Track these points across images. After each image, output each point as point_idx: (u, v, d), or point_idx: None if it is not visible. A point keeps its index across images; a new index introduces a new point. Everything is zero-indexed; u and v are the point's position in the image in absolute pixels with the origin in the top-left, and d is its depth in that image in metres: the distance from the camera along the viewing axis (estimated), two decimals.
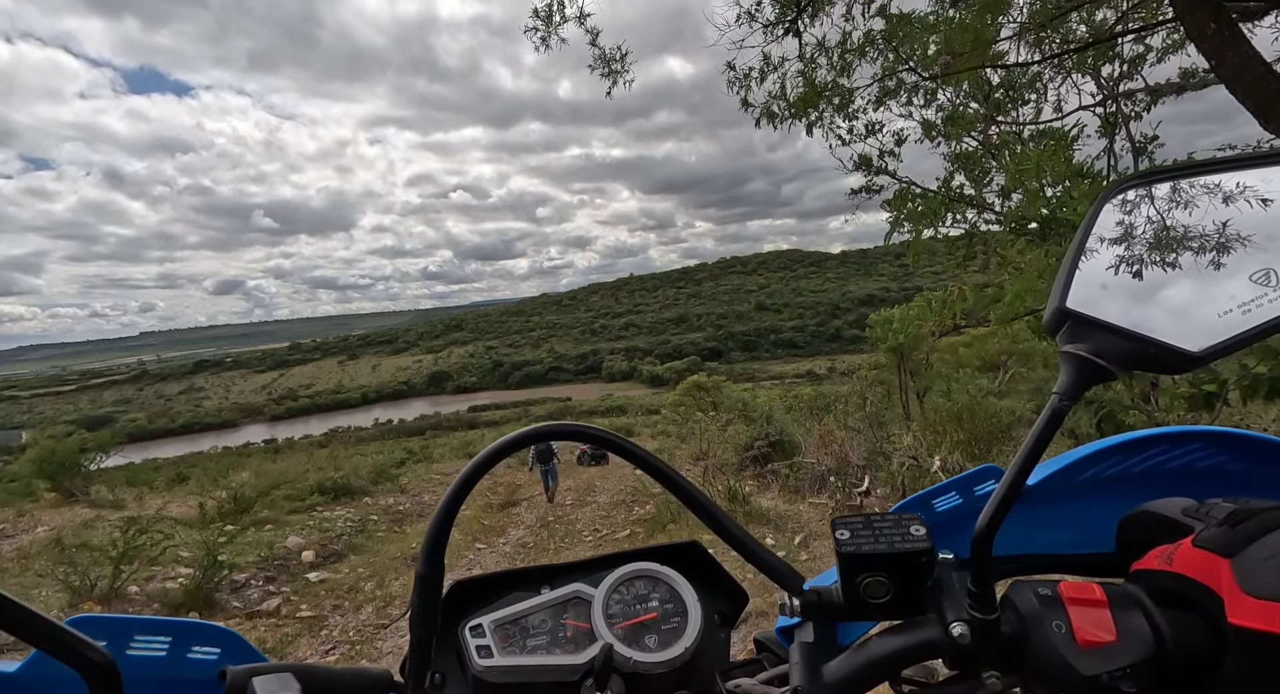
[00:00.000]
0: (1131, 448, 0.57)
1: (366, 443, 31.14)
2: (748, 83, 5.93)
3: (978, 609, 0.44)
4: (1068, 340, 0.43)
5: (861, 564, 0.46)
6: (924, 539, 0.46)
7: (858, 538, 0.47)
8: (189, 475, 15.18)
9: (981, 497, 0.59)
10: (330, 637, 4.68)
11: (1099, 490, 0.59)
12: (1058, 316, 0.44)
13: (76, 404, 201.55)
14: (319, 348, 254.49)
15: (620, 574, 0.64)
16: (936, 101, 7.37)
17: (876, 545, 0.46)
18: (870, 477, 6.61)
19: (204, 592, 5.11)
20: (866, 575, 0.46)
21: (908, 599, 0.47)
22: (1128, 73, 6.59)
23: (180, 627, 0.51)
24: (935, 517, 0.59)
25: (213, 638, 0.52)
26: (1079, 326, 0.43)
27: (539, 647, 0.60)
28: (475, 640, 0.59)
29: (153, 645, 0.50)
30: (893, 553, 0.46)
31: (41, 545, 6.44)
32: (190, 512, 8.18)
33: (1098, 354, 0.41)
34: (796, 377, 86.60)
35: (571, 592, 0.64)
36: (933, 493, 0.60)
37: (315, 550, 6.90)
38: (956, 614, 0.45)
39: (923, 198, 7.01)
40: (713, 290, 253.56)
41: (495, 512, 9.74)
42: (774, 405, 13.51)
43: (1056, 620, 0.42)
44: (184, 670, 0.51)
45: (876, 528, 0.47)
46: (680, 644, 0.59)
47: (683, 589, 0.64)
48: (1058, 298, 0.44)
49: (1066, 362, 0.43)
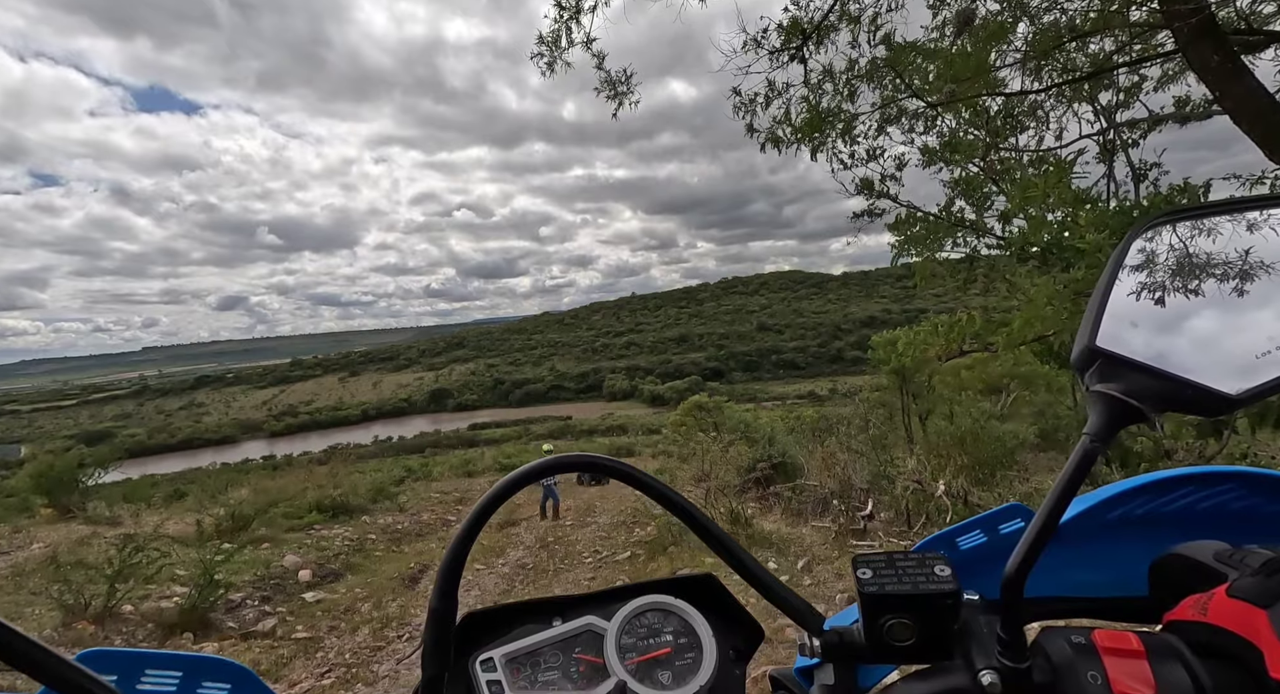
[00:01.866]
0: (1161, 487, 0.56)
1: (366, 460, 30.95)
2: (753, 108, 6.02)
3: (1008, 656, 0.42)
4: (1098, 380, 0.42)
5: (885, 605, 0.44)
6: (949, 580, 0.45)
7: (881, 577, 0.45)
8: (187, 492, 15.09)
9: (1007, 535, 0.58)
10: (326, 659, 4.61)
11: (1128, 531, 0.57)
12: (1087, 355, 0.42)
13: (77, 419, 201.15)
14: (320, 364, 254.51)
15: (633, 607, 0.63)
16: (937, 128, 7.49)
17: (900, 586, 0.44)
18: (874, 500, 6.55)
19: (199, 611, 5.05)
20: (890, 617, 0.44)
21: (933, 643, 0.45)
22: (1125, 101, 6.69)
23: (191, 662, 0.50)
24: (959, 555, 0.57)
25: (224, 674, 0.51)
26: (1110, 366, 0.42)
27: (550, 682, 0.59)
28: (486, 675, 0.58)
29: (163, 681, 0.49)
30: (917, 594, 0.44)
31: (37, 563, 6.38)
32: (187, 529, 8.12)
33: (1130, 394, 0.40)
34: (798, 397, 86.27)
35: (583, 625, 0.63)
36: (956, 531, 0.58)
37: (312, 570, 6.83)
38: (986, 661, 0.43)
39: (924, 222, 7.06)
40: (714, 310, 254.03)
41: (494, 531, 9.65)
42: (776, 426, 13.44)
43: (1092, 671, 0.40)
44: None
45: (900, 567, 0.46)
46: (695, 681, 0.58)
47: (697, 623, 0.62)
48: (1087, 336, 0.43)
49: (1097, 402, 0.41)
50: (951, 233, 7.08)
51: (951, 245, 7.19)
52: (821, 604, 4.41)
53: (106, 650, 0.47)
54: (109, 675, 0.46)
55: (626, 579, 2.35)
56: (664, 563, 6.34)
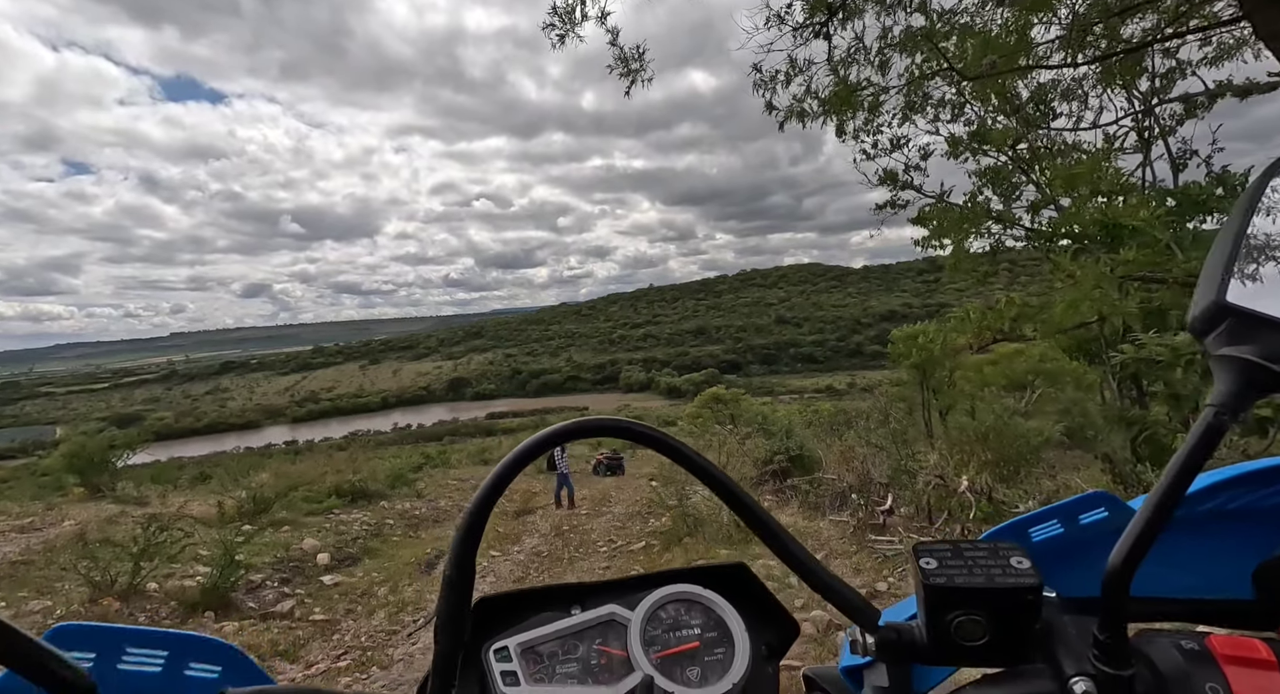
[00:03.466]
0: (1262, 479, 0.50)
1: (385, 447, 31.43)
2: (773, 86, 5.86)
3: (1107, 663, 0.37)
4: (1226, 342, 0.36)
5: (954, 599, 0.40)
6: (1030, 573, 0.40)
7: (947, 568, 0.41)
8: (211, 475, 15.44)
9: (1088, 526, 0.52)
10: (342, 641, 4.66)
11: (1222, 526, 0.51)
12: (1213, 313, 0.37)
13: (109, 402, 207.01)
14: (341, 352, 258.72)
15: (659, 597, 0.59)
16: (964, 116, 7.29)
17: (973, 578, 0.40)
18: (894, 495, 6.46)
19: (220, 591, 5.14)
20: (960, 613, 0.40)
21: (1009, 644, 0.40)
22: (1164, 87, 6.43)
23: (177, 640, 0.46)
24: (1031, 548, 0.52)
25: (213, 654, 0.47)
26: (1243, 325, 0.36)
27: (570, 675, 0.55)
28: (500, 665, 0.54)
29: (147, 660, 0.45)
30: (992, 588, 0.39)
31: (67, 540, 6.56)
32: (210, 511, 8.28)
33: (1271, 358, 0.34)
34: (816, 391, 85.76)
35: (605, 614, 0.58)
36: (1029, 521, 0.53)
37: (331, 553, 6.92)
38: (1078, 667, 0.38)
39: (951, 212, 6.88)
40: (732, 303, 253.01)
41: (510, 519, 9.72)
42: (793, 420, 13.36)
43: (1211, 683, 0.35)
44: (181, 689, 0.45)
45: (969, 558, 0.41)
46: (728, 679, 0.53)
47: (728, 616, 0.58)
48: (1214, 291, 0.37)
49: (1226, 367, 0.36)
50: (978, 223, 6.90)
51: (976, 236, 7.01)
52: None
53: (82, 626, 0.43)
54: (86, 654, 0.42)
55: (641, 569, 2.31)
56: (679, 553, 6.33)
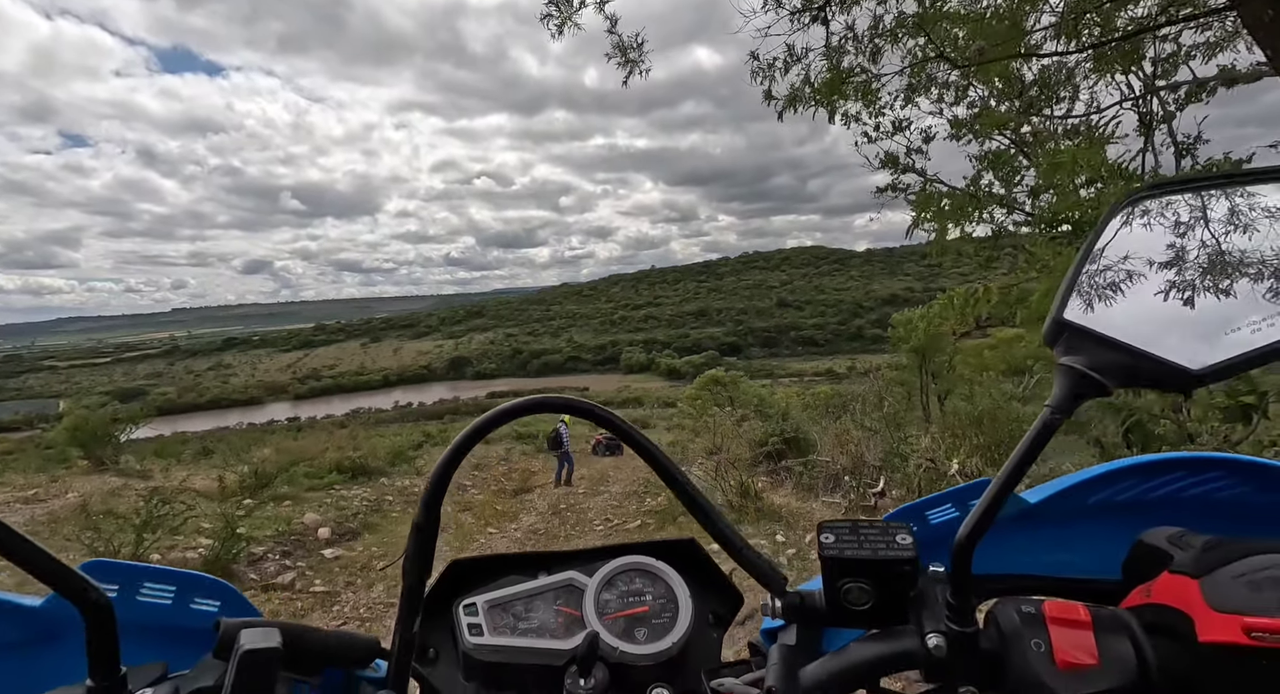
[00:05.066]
0: (1148, 471, 0.55)
1: (386, 425, 31.67)
2: (771, 73, 5.81)
3: (955, 622, 0.44)
4: (1064, 352, 0.42)
5: (844, 569, 0.46)
6: (909, 548, 0.46)
7: (842, 542, 0.47)
8: (214, 450, 15.59)
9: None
10: (342, 612, 4.78)
11: (1110, 515, 0.57)
12: (1055, 327, 0.43)
13: (111, 376, 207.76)
14: (343, 330, 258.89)
15: (615, 566, 0.65)
16: (967, 98, 7.19)
17: (860, 551, 0.46)
18: (886, 477, 6.53)
19: (222, 563, 5.24)
20: (849, 581, 0.46)
21: (890, 607, 0.46)
22: (1166, 71, 6.32)
23: (186, 578, 0.55)
24: (928, 528, 0.58)
25: (214, 592, 0.56)
26: (1076, 338, 0.42)
27: (529, 630, 0.61)
28: (468, 618, 0.61)
29: (159, 594, 0.54)
30: (875, 559, 0.45)
31: (71, 511, 6.67)
32: (213, 485, 8.39)
33: (1093, 368, 0.40)
34: (816, 375, 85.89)
35: (565, 579, 0.65)
36: (928, 503, 0.59)
37: (331, 528, 7.03)
38: (934, 626, 0.45)
39: (949, 197, 6.83)
40: (734, 285, 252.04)
41: (508, 498, 9.84)
42: (791, 403, 13.41)
43: (1036, 639, 0.41)
44: (185, 620, 0.54)
45: (863, 534, 0.47)
46: (668, 639, 0.59)
47: (676, 586, 0.64)
48: (1056, 308, 0.43)
49: (1061, 374, 0.42)
50: (978, 208, 6.85)
51: (978, 220, 6.97)
52: None
53: (110, 562, 0.52)
54: (111, 585, 0.52)
55: None
56: (674, 531, 6.43)
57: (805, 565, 4.85)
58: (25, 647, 0.53)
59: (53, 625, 0.53)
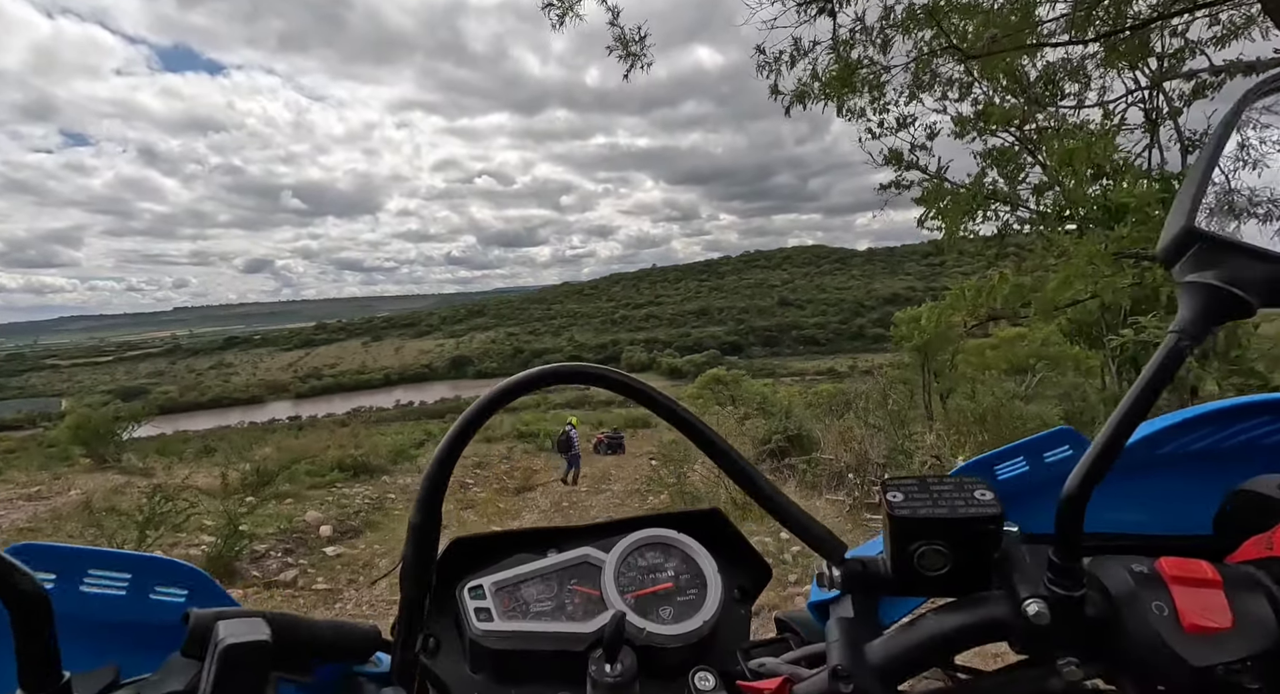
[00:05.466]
0: (1224, 418, 0.50)
1: (387, 423, 31.68)
2: (777, 67, 5.77)
3: (1060, 585, 0.39)
4: (1193, 268, 0.37)
5: (917, 530, 0.41)
6: (992, 504, 0.41)
7: (913, 501, 0.41)
8: (216, 448, 15.59)
9: (1053, 465, 0.53)
10: (344, 610, 4.77)
11: (1182, 466, 0.52)
12: (1183, 238, 0.37)
13: (113, 375, 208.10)
14: (344, 328, 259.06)
15: (634, 540, 0.60)
16: (971, 95, 7.16)
17: (936, 509, 0.40)
18: (891, 475, 6.51)
19: (225, 560, 5.23)
20: (922, 544, 0.41)
21: (970, 573, 0.41)
22: (1172, 66, 6.29)
23: (141, 562, 0.46)
24: (997, 485, 0.53)
25: (178, 577, 0.47)
26: (1210, 251, 0.36)
27: (544, 613, 0.56)
28: (474, 602, 0.55)
29: (109, 582, 0.45)
30: (955, 518, 0.40)
31: (73, 509, 6.66)
32: (215, 483, 8.39)
33: (1234, 283, 0.35)
34: (817, 374, 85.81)
35: (580, 556, 0.60)
36: (995, 457, 0.53)
37: (333, 526, 7.03)
38: (1033, 590, 0.39)
39: (954, 194, 6.80)
40: (735, 284, 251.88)
41: (510, 496, 9.84)
42: (793, 401, 13.40)
43: (1157, 601, 0.36)
44: (146, 613, 0.45)
45: (934, 491, 0.42)
46: (698, 617, 0.55)
47: (702, 559, 0.60)
48: (1183, 217, 0.37)
49: (1191, 293, 0.36)
50: (983, 205, 6.82)
51: (982, 218, 6.94)
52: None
53: (42, 545, 0.43)
54: (46, 574, 0.43)
55: None
56: None
57: (810, 563, 4.84)
58: None
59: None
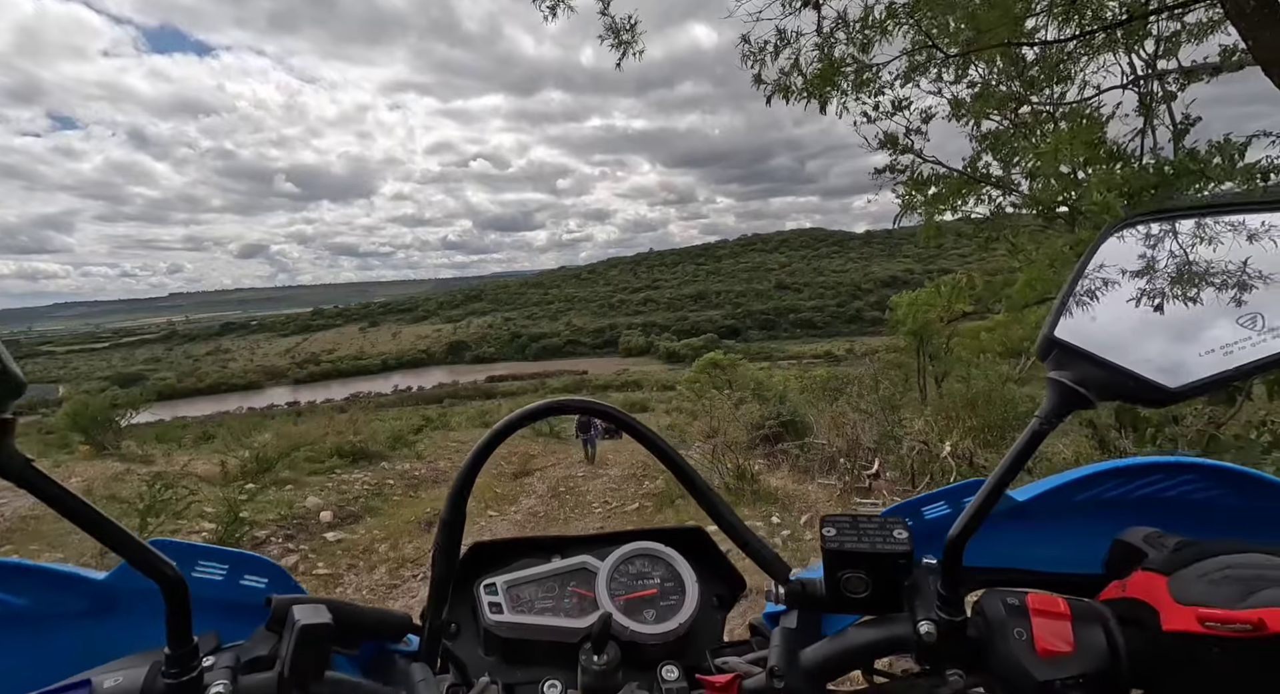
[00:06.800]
0: (1128, 474, 0.59)
1: (386, 409, 31.73)
2: (762, 58, 5.76)
3: (946, 611, 0.48)
4: (1054, 366, 0.45)
5: (844, 560, 0.49)
6: (904, 542, 0.49)
7: (843, 535, 0.50)
8: (214, 434, 15.65)
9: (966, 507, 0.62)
10: (345, 595, 4.85)
11: (1095, 513, 0.61)
12: (1046, 344, 0.46)
13: (110, 361, 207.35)
14: (341, 314, 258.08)
15: (625, 551, 0.70)
16: (967, 77, 7.12)
17: (859, 544, 0.49)
18: (881, 460, 6.60)
19: (226, 545, 5.31)
20: (848, 571, 0.49)
21: (885, 596, 0.50)
22: (1166, 51, 6.26)
23: (237, 557, 0.59)
24: (923, 523, 0.62)
25: (263, 570, 0.60)
26: (1064, 355, 0.45)
27: (545, 609, 0.67)
28: (489, 597, 0.66)
29: (213, 571, 0.58)
30: (873, 552, 0.49)
31: None
32: (214, 470, 8.45)
33: (1079, 382, 0.44)
34: (814, 357, 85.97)
35: (579, 562, 0.70)
36: (923, 501, 0.63)
37: (333, 512, 7.10)
38: (926, 614, 0.49)
39: (943, 180, 6.80)
40: (732, 268, 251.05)
41: (508, 481, 9.93)
42: (788, 385, 13.47)
43: (1019, 628, 0.45)
44: (237, 595, 0.58)
45: (862, 528, 0.51)
46: (675, 620, 0.64)
47: (683, 570, 0.69)
48: (1048, 326, 0.46)
49: (1051, 387, 0.45)
50: (975, 190, 6.82)
51: (975, 202, 6.94)
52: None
53: (172, 541, 0.55)
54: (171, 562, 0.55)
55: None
56: (670, 515, 6.51)
57: (799, 547, 4.93)
58: (89, 617, 0.57)
59: (114, 598, 0.57)
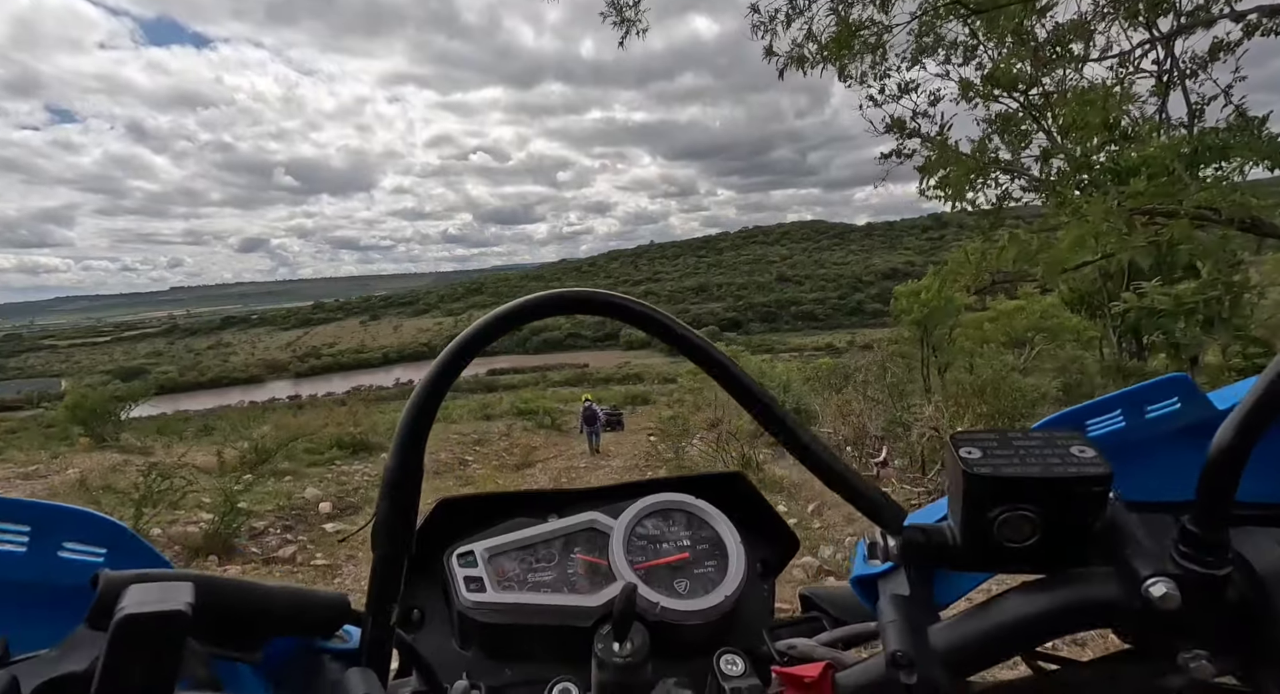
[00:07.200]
0: None
1: (387, 401, 31.67)
2: (773, 27, 5.58)
3: (1198, 561, 0.31)
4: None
5: (1001, 493, 0.33)
6: (1098, 462, 0.33)
7: (994, 457, 0.33)
8: (215, 427, 15.61)
9: (1156, 420, 0.43)
10: (343, 585, 4.79)
11: None
12: None
13: (111, 355, 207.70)
14: (342, 308, 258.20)
15: (646, 505, 0.54)
16: (976, 58, 6.96)
17: (1026, 468, 0.32)
18: (888, 447, 6.51)
19: (223, 536, 5.24)
20: (1005, 509, 0.33)
21: (1065, 545, 0.34)
22: (1188, 25, 6.09)
23: (45, 512, 0.38)
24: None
25: (94, 533, 0.39)
26: None
27: (543, 584, 0.51)
28: (464, 571, 0.50)
29: (6, 538, 0.37)
30: (1051, 478, 0.32)
31: (70, 487, 6.66)
32: (213, 461, 8.39)
33: None
34: (816, 349, 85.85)
35: (585, 521, 0.54)
36: (1086, 410, 0.44)
37: (332, 502, 7.04)
38: (1157, 567, 0.32)
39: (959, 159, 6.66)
40: (734, 260, 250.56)
41: (510, 472, 9.87)
42: (792, 376, 13.41)
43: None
44: (52, 573, 0.38)
45: (1019, 446, 0.34)
46: (719, 592, 0.49)
47: (722, 529, 0.54)
48: None
49: None
50: (985, 172, 6.68)
51: (983, 185, 6.81)
52: (829, 547, 4.42)
53: None
54: None
55: None
56: None
57: (808, 535, 4.84)
58: None
59: None
